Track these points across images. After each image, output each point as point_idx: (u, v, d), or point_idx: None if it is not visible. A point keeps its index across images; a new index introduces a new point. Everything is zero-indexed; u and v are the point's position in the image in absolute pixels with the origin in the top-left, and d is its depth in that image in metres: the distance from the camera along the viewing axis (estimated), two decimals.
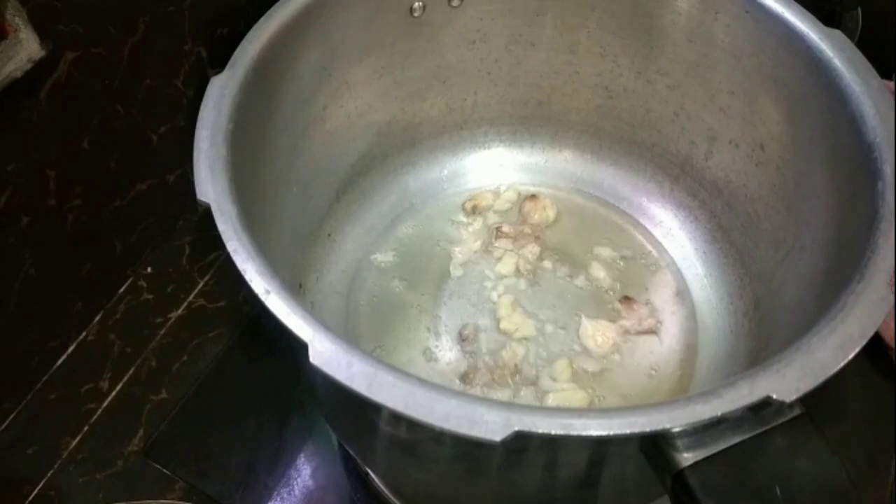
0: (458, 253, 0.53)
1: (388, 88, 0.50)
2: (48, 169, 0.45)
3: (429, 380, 0.28)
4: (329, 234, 0.52)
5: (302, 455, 0.49)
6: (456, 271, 0.52)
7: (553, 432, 0.27)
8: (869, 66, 0.38)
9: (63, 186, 0.47)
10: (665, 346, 0.49)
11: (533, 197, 0.55)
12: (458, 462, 0.37)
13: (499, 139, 0.57)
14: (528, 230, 0.54)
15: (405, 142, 0.55)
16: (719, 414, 0.27)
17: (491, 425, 0.27)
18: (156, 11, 0.47)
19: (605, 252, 0.53)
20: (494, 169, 0.57)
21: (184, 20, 0.50)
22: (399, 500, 0.47)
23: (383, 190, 0.55)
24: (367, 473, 0.48)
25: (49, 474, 0.48)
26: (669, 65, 0.48)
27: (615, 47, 0.50)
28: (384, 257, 0.53)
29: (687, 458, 0.28)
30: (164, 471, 0.49)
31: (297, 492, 0.48)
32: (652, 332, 0.49)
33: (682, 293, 0.51)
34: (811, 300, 0.38)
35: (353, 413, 0.40)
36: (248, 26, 0.41)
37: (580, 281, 0.52)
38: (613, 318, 0.50)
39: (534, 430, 0.27)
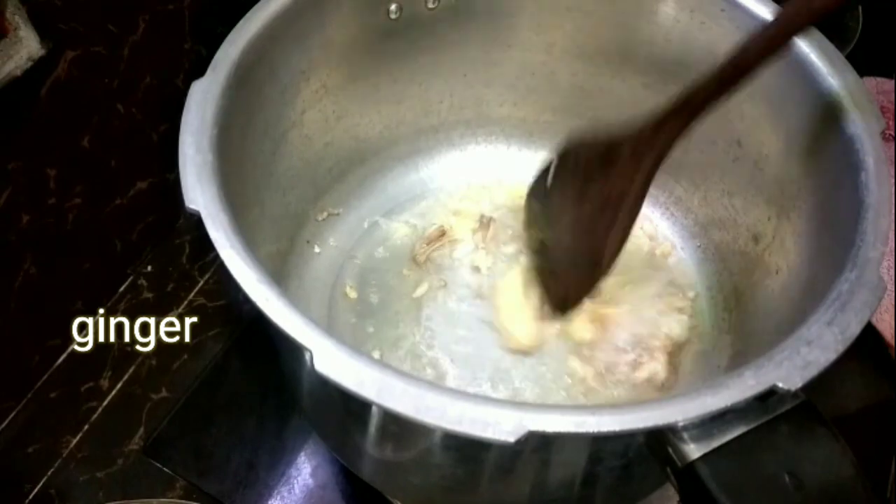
0: (437, 254, 0.53)
1: (365, 92, 0.50)
2: (48, 168, 0.45)
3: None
4: (308, 241, 0.52)
5: (302, 454, 0.49)
6: (436, 273, 0.52)
7: (566, 430, 0.27)
8: (844, 60, 0.39)
9: (63, 185, 0.47)
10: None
11: None
12: (458, 466, 0.36)
13: (474, 141, 0.57)
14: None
15: (381, 145, 0.54)
16: (729, 405, 0.28)
17: (504, 426, 0.27)
18: (156, 10, 0.47)
19: None
20: (470, 171, 0.57)
21: (184, 19, 0.50)
22: (399, 499, 0.46)
23: (360, 194, 0.54)
24: None
25: (49, 473, 0.48)
26: (645, 64, 0.49)
27: (591, 47, 0.50)
28: (363, 262, 0.53)
29: (695, 450, 0.28)
30: (165, 469, 0.48)
31: (297, 490, 0.48)
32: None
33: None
34: (797, 291, 0.39)
35: (346, 423, 0.40)
36: None
37: None
38: None
39: (547, 429, 0.27)
